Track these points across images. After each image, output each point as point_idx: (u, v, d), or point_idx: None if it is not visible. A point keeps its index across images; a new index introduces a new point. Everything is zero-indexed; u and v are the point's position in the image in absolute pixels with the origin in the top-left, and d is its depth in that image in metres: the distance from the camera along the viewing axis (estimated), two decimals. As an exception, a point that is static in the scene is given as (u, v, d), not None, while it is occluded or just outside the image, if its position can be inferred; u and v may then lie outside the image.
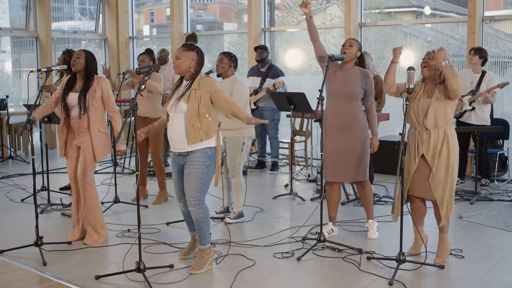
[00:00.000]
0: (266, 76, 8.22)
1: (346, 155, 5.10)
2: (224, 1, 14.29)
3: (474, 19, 7.93)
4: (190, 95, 4.22)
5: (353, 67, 5.13)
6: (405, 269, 4.36)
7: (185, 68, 4.27)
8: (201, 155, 4.25)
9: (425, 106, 4.45)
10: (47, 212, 6.19)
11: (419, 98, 4.50)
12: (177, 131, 4.26)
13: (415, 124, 4.52)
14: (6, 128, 9.56)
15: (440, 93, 4.42)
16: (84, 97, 4.93)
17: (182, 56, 4.26)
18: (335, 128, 5.11)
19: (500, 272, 4.41)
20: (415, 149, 4.51)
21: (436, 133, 4.43)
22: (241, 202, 5.76)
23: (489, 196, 6.69)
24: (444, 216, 4.49)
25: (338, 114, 5.09)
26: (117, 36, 12.39)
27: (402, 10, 10.61)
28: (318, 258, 4.72)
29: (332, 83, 5.13)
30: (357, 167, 5.11)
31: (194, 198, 4.27)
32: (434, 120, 4.41)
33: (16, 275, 4.37)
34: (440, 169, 4.43)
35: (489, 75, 7.12)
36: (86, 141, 4.98)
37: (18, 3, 11.69)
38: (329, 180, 5.25)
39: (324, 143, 5.11)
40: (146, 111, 6.42)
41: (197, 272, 4.34)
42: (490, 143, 7.82)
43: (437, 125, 4.42)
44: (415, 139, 4.51)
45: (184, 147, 4.26)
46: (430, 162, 4.45)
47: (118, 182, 6.62)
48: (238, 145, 5.57)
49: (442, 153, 4.42)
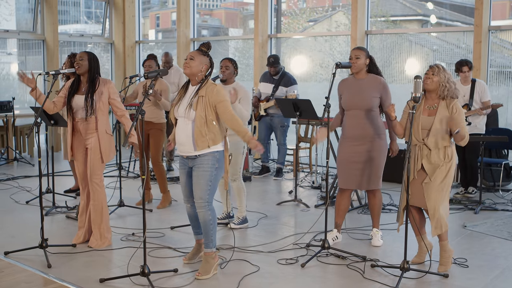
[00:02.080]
0: (279, 84, 8.19)
1: (361, 163, 5.09)
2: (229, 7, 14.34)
3: (480, 29, 7.94)
4: (198, 102, 4.24)
5: (365, 76, 5.14)
6: (409, 278, 4.36)
7: (196, 70, 4.29)
8: (210, 157, 4.29)
9: (427, 125, 4.43)
10: (51, 215, 6.21)
11: (419, 115, 4.48)
12: (185, 136, 4.29)
13: (414, 141, 4.51)
14: (12, 130, 9.59)
15: (444, 111, 4.39)
16: (92, 99, 4.95)
17: (197, 58, 4.29)
18: (351, 137, 5.12)
19: (504, 282, 4.40)
20: (414, 163, 4.51)
21: (436, 152, 4.43)
22: (244, 206, 5.78)
23: (493, 206, 6.68)
24: (435, 226, 4.44)
25: (354, 124, 5.09)
26: (124, 40, 12.43)
27: (408, 19, 10.64)
28: (322, 265, 4.72)
29: (347, 95, 5.14)
30: (371, 176, 5.11)
31: (203, 200, 4.31)
32: (435, 140, 4.41)
33: (21, 276, 4.39)
34: (436, 180, 4.43)
35: (480, 84, 7.00)
36: (94, 142, 5.01)
37: (25, 6, 11.75)
38: (342, 187, 5.25)
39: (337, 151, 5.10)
40: (151, 116, 6.44)
41: (203, 277, 4.34)
42: (495, 153, 7.81)
43: (438, 146, 4.42)
44: (415, 153, 4.51)
45: (192, 152, 4.29)
46: (430, 173, 4.44)
47: (123, 186, 6.63)
48: (239, 149, 5.59)
49: (442, 169, 4.42)
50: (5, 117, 9.47)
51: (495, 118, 7.70)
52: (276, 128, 8.32)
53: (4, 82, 11.53)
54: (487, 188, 7.57)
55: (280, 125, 8.28)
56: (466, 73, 6.97)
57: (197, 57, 4.29)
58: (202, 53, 4.33)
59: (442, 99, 4.44)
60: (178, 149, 4.40)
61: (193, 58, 4.28)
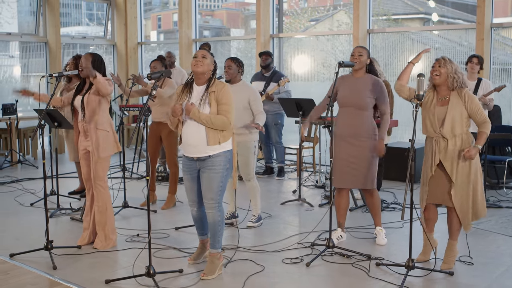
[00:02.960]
0: (270, 80, 8.24)
1: (354, 162, 5.10)
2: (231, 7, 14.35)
3: (482, 26, 7.93)
4: (210, 98, 4.26)
5: (363, 75, 5.14)
6: (414, 276, 4.36)
7: (208, 69, 4.33)
8: (223, 159, 4.29)
9: (441, 115, 4.43)
10: (56, 216, 6.22)
11: (434, 107, 4.48)
12: (195, 136, 4.25)
13: (431, 133, 4.49)
14: (15, 132, 9.61)
15: (456, 100, 4.41)
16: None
17: (208, 57, 4.36)
18: (345, 136, 5.13)
19: (509, 279, 4.40)
20: (432, 158, 4.49)
21: (453, 141, 4.41)
22: (259, 205, 5.84)
23: (497, 203, 6.68)
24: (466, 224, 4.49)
25: (348, 123, 5.10)
26: (126, 41, 12.45)
27: (409, 17, 10.63)
28: (327, 264, 4.72)
29: (342, 92, 5.15)
30: (366, 175, 5.11)
31: (215, 201, 4.32)
32: (451, 128, 4.40)
33: (26, 278, 4.40)
34: (460, 176, 4.42)
35: (485, 82, 7.01)
36: (94, 140, 5.00)
37: (26, 9, 11.78)
38: (337, 186, 5.26)
39: (334, 150, 5.12)
40: (160, 116, 6.44)
41: (208, 277, 4.35)
42: (499, 150, 7.81)
43: (455, 133, 4.41)
44: (432, 147, 4.49)
45: (204, 151, 4.26)
46: (449, 170, 4.42)
47: (127, 187, 6.64)
48: (250, 149, 5.61)
49: (460, 161, 4.40)
50: (9, 120, 9.48)
51: (498, 116, 7.70)
52: (270, 126, 8.32)
53: (7, 85, 11.54)
54: (491, 185, 7.56)
55: (274, 123, 8.29)
56: (474, 64, 6.94)
57: (208, 56, 4.35)
58: (209, 53, 4.39)
59: (452, 90, 4.45)
60: (187, 152, 4.34)
61: (206, 57, 4.33)
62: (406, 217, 4.47)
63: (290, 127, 8.76)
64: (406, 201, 4.30)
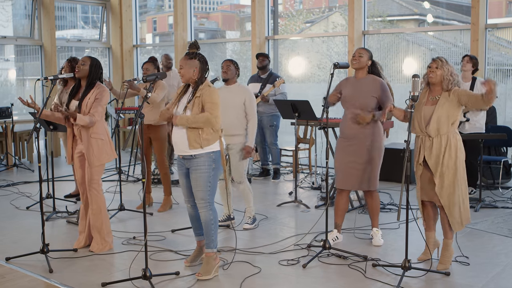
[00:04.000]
0: (267, 82, 8.27)
1: (356, 163, 5.11)
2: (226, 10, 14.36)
3: (477, 27, 7.96)
4: (194, 103, 4.30)
5: (365, 76, 5.16)
6: (411, 276, 4.37)
7: (189, 76, 4.35)
8: (206, 158, 4.33)
9: (428, 114, 4.48)
10: (52, 220, 6.20)
11: (422, 106, 4.54)
12: (179, 136, 4.35)
13: (418, 131, 4.56)
14: (11, 136, 9.59)
15: (445, 100, 4.44)
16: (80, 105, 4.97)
17: (185, 65, 4.35)
18: (347, 136, 5.15)
19: (505, 279, 4.41)
20: (418, 155, 4.56)
21: (438, 139, 4.46)
22: (253, 207, 5.85)
23: (493, 204, 6.69)
24: (455, 223, 4.51)
25: (352, 124, 5.12)
26: (121, 44, 12.44)
27: (404, 18, 10.66)
28: (324, 265, 4.72)
29: (346, 93, 5.17)
30: (367, 177, 5.12)
31: (205, 201, 4.37)
32: (436, 127, 4.44)
33: (22, 282, 4.39)
34: (445, 175, 4.45)
35: (480, 81, 6.97)
36: (87, 148, 4.99)
37: (21, 12, 11.75)
38: (339, 187, 5.26)
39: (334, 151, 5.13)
40: (150, 119, 6.45)
41: (204, 277, 4.36)
42: (494, 151, 7.82)
43: (439, 132, 4.45)
44: (418, 145, 4.56)
45: (186, 151, 4.34)
46: (433, 169, 4.48)
47: (123, 190, 6.64)
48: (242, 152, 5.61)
49: (445, 159, 4.44)
50: (4, 123, 9.47)
51: (493, 116, 7.72)
52: (265, 128, 8.33)
53: (2, 88, 11.52)
54: (487, 186, 7.58)
55: (269, 125, 8.30)
56: (465, 62, 6.95)
57: (184, 65, 4.35)
58: (189, 57, 4.37)
59: (446, 91, 4.48)
60: (175, 150, 4.46)
61: (182, 67, 4.36)
62: (402, 218, 4.48)
63: (285, 128, 8.77)
64: (402, 202, 4.32)
